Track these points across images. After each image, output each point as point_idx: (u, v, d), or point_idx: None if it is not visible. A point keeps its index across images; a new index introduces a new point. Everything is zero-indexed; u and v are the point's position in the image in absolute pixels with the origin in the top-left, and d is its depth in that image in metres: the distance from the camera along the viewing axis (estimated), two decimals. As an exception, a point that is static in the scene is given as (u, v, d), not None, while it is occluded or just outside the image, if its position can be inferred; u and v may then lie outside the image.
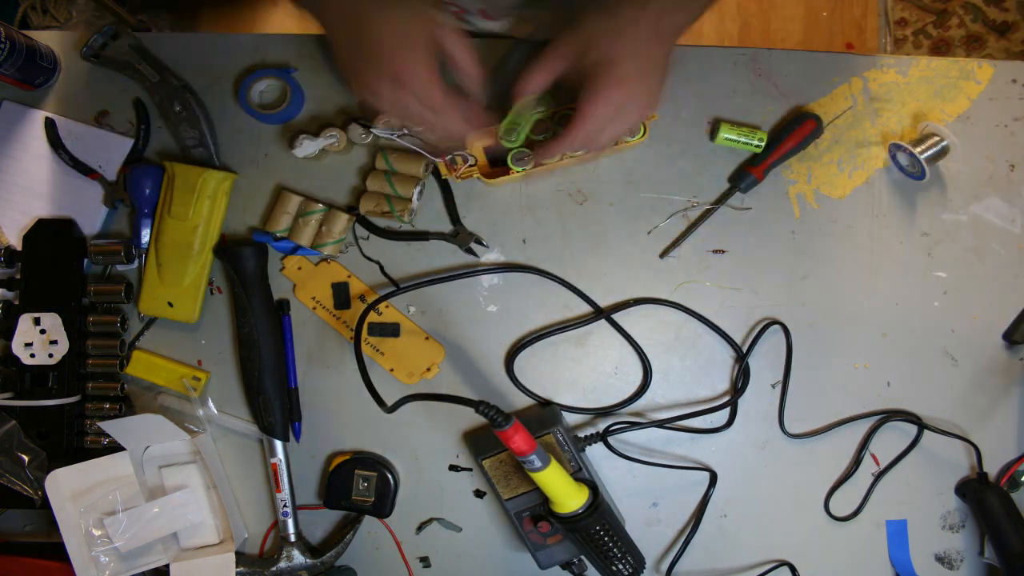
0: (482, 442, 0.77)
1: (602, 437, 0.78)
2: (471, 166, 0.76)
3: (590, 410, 0.81)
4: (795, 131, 0.78)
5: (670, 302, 0.80)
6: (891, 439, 0.81)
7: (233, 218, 0.81)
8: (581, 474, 0.74)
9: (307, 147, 0.77)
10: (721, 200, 0.79)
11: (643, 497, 0.81)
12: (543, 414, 0.79)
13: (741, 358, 0.80)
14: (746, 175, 0.79)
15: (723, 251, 0.81)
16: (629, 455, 0.79)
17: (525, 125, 0.73)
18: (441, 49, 0.64)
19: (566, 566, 0.76)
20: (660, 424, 0.80)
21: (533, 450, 0.62)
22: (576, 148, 0.69)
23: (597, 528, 0.67)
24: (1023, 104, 0.81)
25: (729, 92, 0.81)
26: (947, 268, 0.81)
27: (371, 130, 0.76)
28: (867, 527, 0.81)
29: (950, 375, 0.81)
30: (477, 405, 0.60)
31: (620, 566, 0.70)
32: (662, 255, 0.80)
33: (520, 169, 0.76)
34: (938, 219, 0.81)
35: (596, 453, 0.81)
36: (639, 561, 0.72)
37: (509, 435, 0.61)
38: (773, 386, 0.81)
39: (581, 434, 0.78)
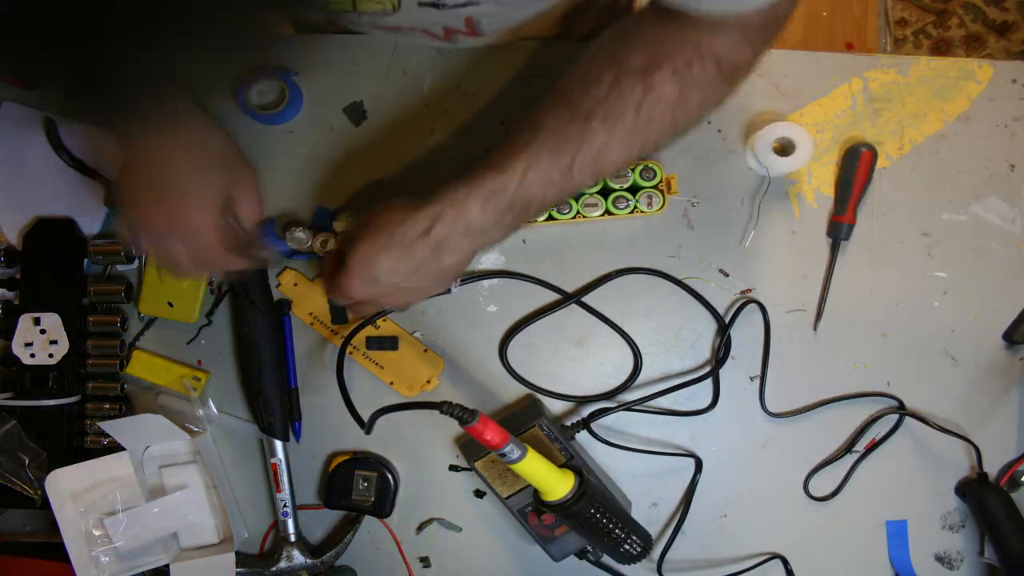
0: (473, 446, 0.77)
1: (585, 424, 0.78)
2: None
3: (571, 397, 0.81)
4: (859, 167, 0.78)
5: (650, 270, 0.80)
6: (888, 435, 0.81)
7: (233, 218, 0.81)
8: (573, 462, 0.74)
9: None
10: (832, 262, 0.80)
11: (643, 496, 0.82)
12: (526, 409, 0.79)
13: (723, 329, 0.80)
14: (840, 225, 0.79)
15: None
16: (612, 441, 0.79)
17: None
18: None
19: (581, 555, 0.76)
20: (639, 405, 0.79)
21: (507, 441, 0.62)
22: (328, 293, 0.68)
23: (592, 511, 0.67)
24: (1023, 104, 0.81)
25: (729, 92, 0.80)
26: (947, 268, 0.81)
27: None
28: (867, 527, 0.81)
29: (950, 375, 0.81)
30: (440, 406, 0.60)
31: (627, 547, 0.71)
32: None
33: (533, 220, 0.77)
34: (938, 219, 0.81)
35: (597, 445, 0.81)
36: (646, 540, 0.72)
37: (478, 430, 0.61)
38: (751, 379, 0.81)
39: (567, 423, 0.79)
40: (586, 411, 0.80)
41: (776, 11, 0.54)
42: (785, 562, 0.81)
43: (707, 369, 0.80)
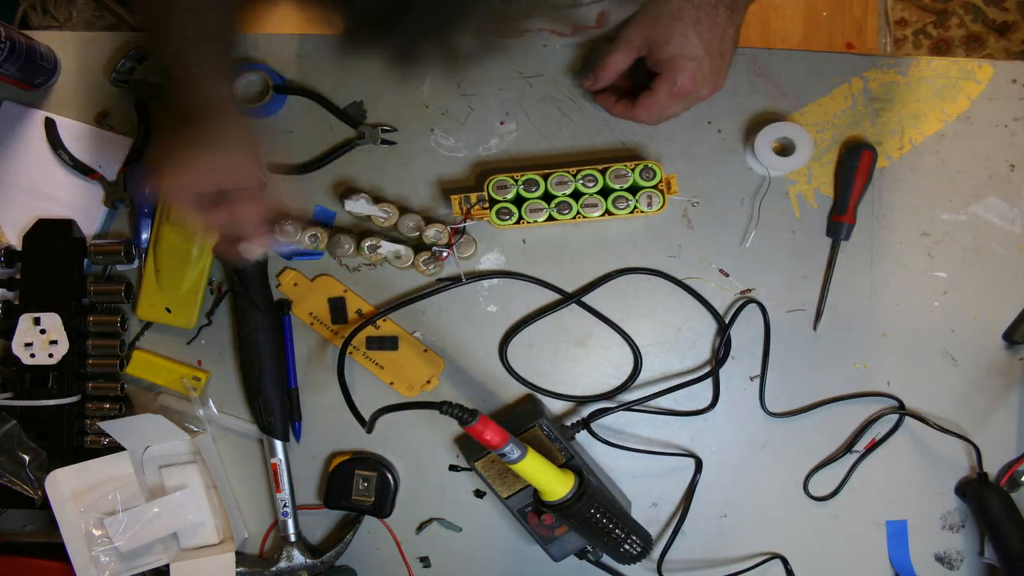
0: (473, 446, 0.77)
1: (585, 424, 0.78)
2: (485, 208, 0.77)
3: (571, 397, 0.81)
4: (859, 167, 0.78)
5: (650, 270, 0.80)
6: (888, 435, 0.81)
7: (233, 218, 0.81)
8: (573, 462, 0.74)
9: (360, 206, 0.76)
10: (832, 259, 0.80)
11: (643, 496, 0.82)
12: (526, 409, 0.79)
13: (723, 329, 0.80)
14: (840, 225, 0.79)
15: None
16: (612, 441, 0.79)
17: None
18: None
19: (581, 555, 0.76)
20: (639, 405, 0.80)
21: (507, 441, 0.62)
22: (639, 120, 0.73)
23: (592, 511, 0.67)
24: (1023, 104, 0.81)
25: (729, 92, 0.80)
26: (947, 268, 0.81)
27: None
28: (867, 527, 0.81)
29: (950, 375, 0.81)
30: (440, 406, 0.60)
31: (627, 547, 0.71)
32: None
33: (533, 220, 0.76)
34: (938, 219, 0.81)
35: (597, 445, 0.81)
36: (646, 540, 0.72)
37: (478, 430, 0.61)
38: (751, 379, 0.81)
39: (567, 423, 0.79)
40: (586, 411, 0.80)
41: None
42: (785, 562, 0.81)
43: (707, 369, 0.80)
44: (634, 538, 0.71)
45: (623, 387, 0.81)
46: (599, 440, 0.79)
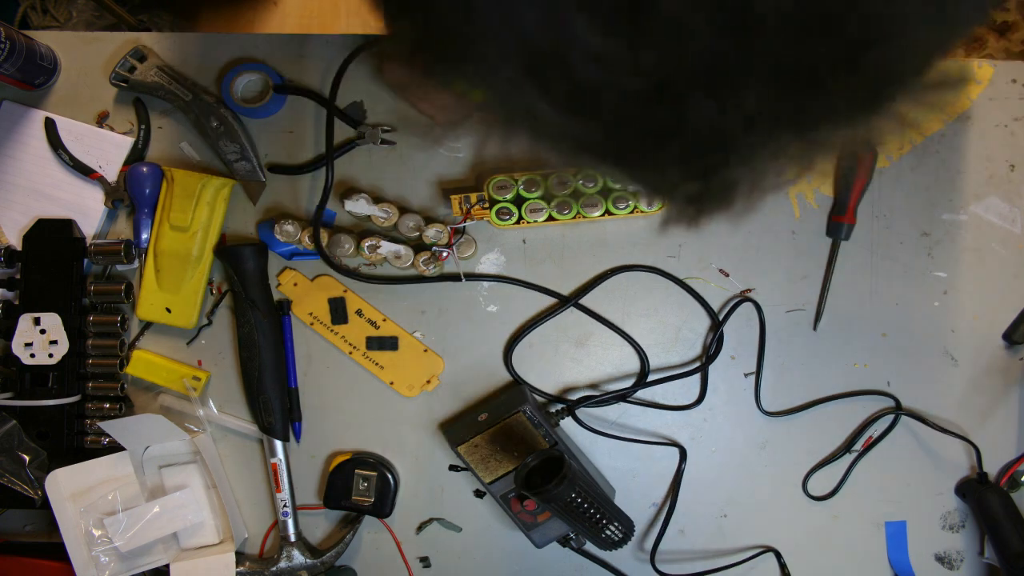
0: (456, 430, 0.77)
1: (570, 411, 0.78)
2: (485, 208, 0.77)
3: (571, 400, 0.80)
4: (859, 167, 0.78)
5: (648, 267, 0.80)
6: (891, 436, 0.81)
7: (233, 219, 0.81)
8: (557, 448, 0.74)
9: (360, 206, 0.76)
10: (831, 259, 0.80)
11: (644, 497, 0.82)
12: (511, 395, 0.79)
13: (716, 326, 0.80)
14: (840, 225, 0.79)
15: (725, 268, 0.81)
16: (596, 428, 0.79)
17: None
18: None
19: (564, 542, 0.76)
20: (627, 395, 0.80)
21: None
22: None
23: (573, 496, 0.67)
24: (1023, 104, 0.81)
25: (729, 92, 0.80)
26: (947, 268, 0.81)
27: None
28: (867, 527, 0.81)
29: (950, 375, 0.81)
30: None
31: (609, 532, 0.71)
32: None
33: (533, 220, 0.77)
34: (938, 219, 0.81)
35: (596, 446, 0.81)
36: (628, 525, 0.72)
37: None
38: (746, 375, 0.81)
39: (552, 409, 0.79)
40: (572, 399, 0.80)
41: None
42: (778, 555, 0.81)
43: (696, 364, 0.80)
44: (616, 524, 0.70)
45: (631, 390, 0.81)
46: (583, 427, 0.79)
